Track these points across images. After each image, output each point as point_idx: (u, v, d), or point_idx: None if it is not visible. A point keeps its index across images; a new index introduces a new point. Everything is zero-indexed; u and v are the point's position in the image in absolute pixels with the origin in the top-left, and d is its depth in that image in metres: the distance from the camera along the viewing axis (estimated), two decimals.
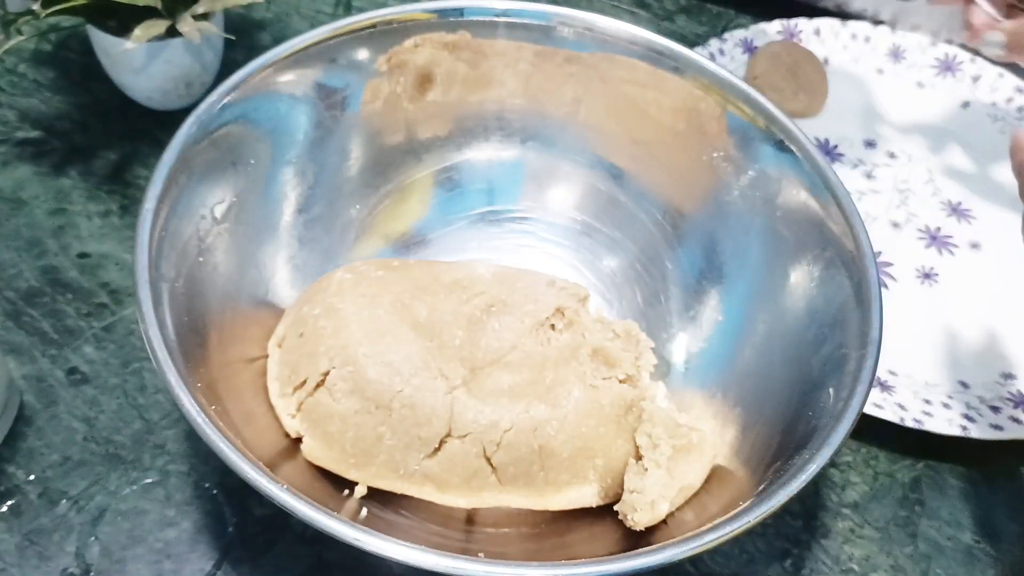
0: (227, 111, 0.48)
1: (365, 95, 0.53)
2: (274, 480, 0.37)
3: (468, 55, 0.54)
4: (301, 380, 0.46)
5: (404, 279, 0.49)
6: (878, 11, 0.77)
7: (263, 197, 0.51)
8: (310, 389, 0.45)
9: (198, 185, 0.47)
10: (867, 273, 0.45)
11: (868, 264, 0.45)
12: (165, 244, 0.43)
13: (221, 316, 0.46)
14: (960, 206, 0.67)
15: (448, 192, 0.57)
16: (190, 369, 0.41)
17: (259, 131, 0.50)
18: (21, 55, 0.67)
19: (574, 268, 0.56)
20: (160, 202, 0.44)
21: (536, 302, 0.49)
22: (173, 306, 0.42)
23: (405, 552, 0.36)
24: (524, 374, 0.46)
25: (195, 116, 0.47)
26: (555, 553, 0.43)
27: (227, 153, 0.48)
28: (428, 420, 0.44)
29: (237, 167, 0.49)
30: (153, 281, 0.41)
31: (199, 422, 0.38)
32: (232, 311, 0.48)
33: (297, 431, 0.46)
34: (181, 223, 0.45)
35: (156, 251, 0.43)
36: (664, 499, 0.43)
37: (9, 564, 0.45)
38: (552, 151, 0.57)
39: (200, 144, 0.47)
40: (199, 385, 0.40)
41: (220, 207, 0.48)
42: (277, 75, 0.50)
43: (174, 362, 0.39)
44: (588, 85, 0.55)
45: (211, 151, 0.47)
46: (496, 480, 0.45)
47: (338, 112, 0.53)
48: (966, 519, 0.52)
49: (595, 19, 0.53)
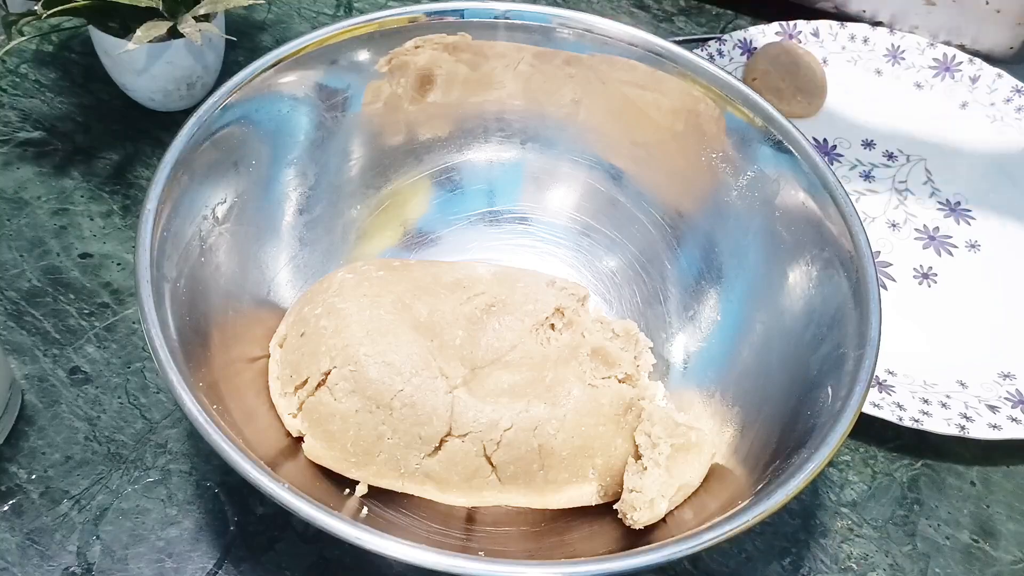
0: (228, 112, 0.48)
1: (366, 96, 0.54)
2: (276, 479, 0.37)
3: (468, 56, 0.54)
4: (302, 379, 0.46)
5: (405, 279, 0.49)
6: (876, 12, 0.77)
7: (264, 198, 0.51)
8: (311, 388, 0.45)
9: (200, 185, 0.47)
10: (866, 273, 0.45)
11: (867, 264, 0.45)
12: (167, 244, 0.44)
13: (223, 316, 0.47)
14: (958, 206, 0.67)
15: (448, 193, 0.57)
16: (192, 369, 0.41)
17: (260, 132, 0.50)
18: (23, 56, 0.67)
19: (573, 268, 0.56)
20: (162, 202, 0.44)
21: (536, 302, 0.49)
22: (175, 306, 0.43)
23: (406, 551, 0.36)
24: (524, 373, 0.46)
25: (197, 117, 0.47)
26: (555, 551, 0.44)
27: (228, 154, 0.48)
28: (429, 419, 0.44)
29: (238, 168, 0.49)
30: (155, 281, 0.42)
31: (201, 422, 0.38)
32: (234, 311, 0.48)
33: (298, 430, 0.46)
34: (183, 223, 0.45)
35: (158, 251, 0.43)
36: (663, 498, 0.43)
37: (11, 563, 0.45)
38: (552, 152, 0.57)
39: (202, 145, 0.47)
40: (201, 385, 0.40)
41: (221, 208, 0.48)
42: (278, 76, 0.50)
43: (176, 362, 0.40)
44: (587, 86, 0.55)
45: (212, 152, 0.47)
46: (496, 479, 0.45)
47: (339, 113, 0.53)
48: (964, 518, 0.53)
49: (595, 20, 0.53)
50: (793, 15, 0.76)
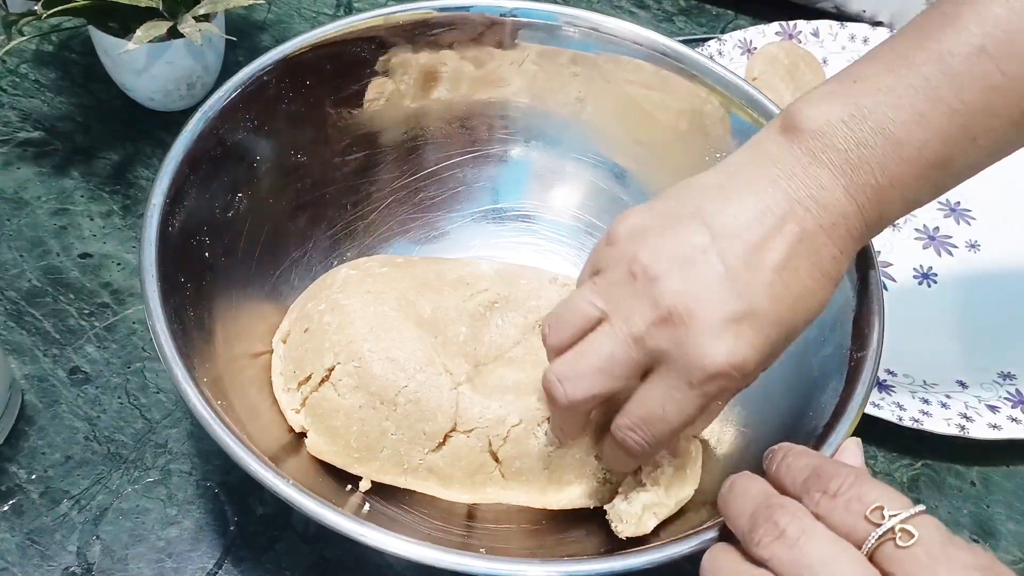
0: (231, 110, 0.48)
1: (369, 94, 0.54)
2: (280, 475, 0.37)
3: (472, 54, 0.54)
4: (306, 375, 0.46)
5: (408, 276, 0.50)
6: (876, 12, 0.77)
7: (269, 193, 0.51)
8: (315, 384, 0.45)
9: (203, 183, 0.47)
10: (868, 274, 0.45)
11: (869, 265, 0.45)
12: (170, 241, 0.44)
13: (226, 312, 0.47)
14: (959, 207, 0.67)
15: (452, 190, 0.57)
16: (195, 365, 0.41)
17: (263, 131, 0.50)
18: (23, 56, 0.67)
19: (576, 267, 0.56)
20: (166, 199, 0.44)
21: (539, 299, 0.49)
22: (179, 303, 0.43)
23: (409, 547, 0.36)
24: (528, 370, 0.46)
25: (201, 113, 0.47)
26: (555, 549, 0.44)
27: (231, 152, 0.49)
28: (433, 415, 0.44)
29: (244, 162, 0.49)
30: (159, 278, 0.42)
31: (206, 417, 0.38)
32: (237, 307, 0.48)
33: (301, 426, 0.46)
34: (186, 220, 0.45)
35: (161, 248, 0.43)
36: (654, 516, 0.42)
37: (11, 563, 0.45)
38: (556, 150, 0.57)
39: (205, 142, 0.47)
40: (205, 381, 0.40)
41: (226, 203, 0.48)
42: (279, 76, 0.50)
43: (181, 359, 0.40)
44: (592, 85, 0.55)
45: (216, 150, 0.47)
46: (500, 475, 0.45)
47: (342, 111, 0.53)
48: (964, 518, 0.53)
49: (601, 19, 0.53)
50: (793, 15, 0.76)
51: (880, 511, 0.31)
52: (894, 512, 0.30)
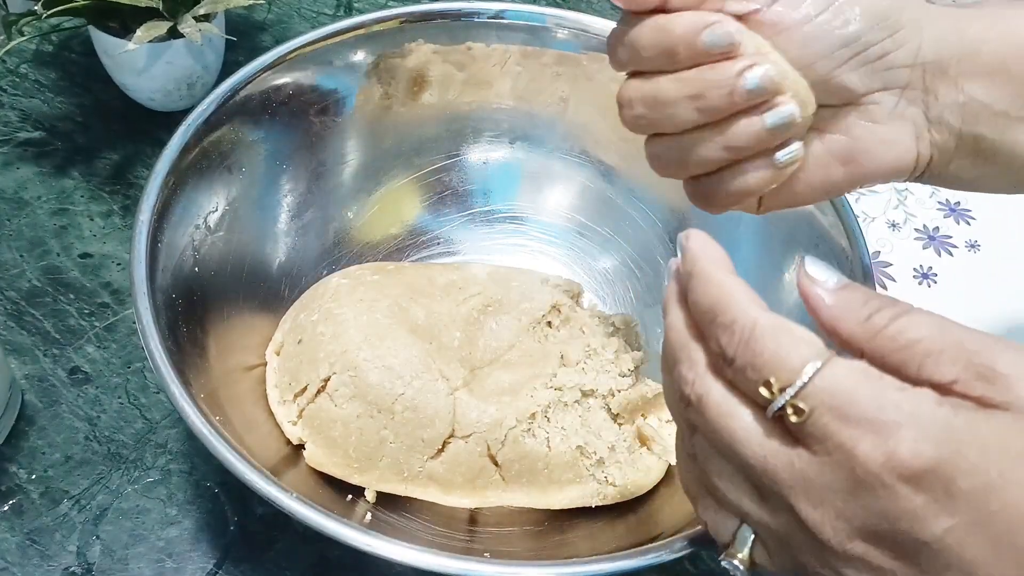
0: (220, 116, 0.48)
1: (358, 98, 0.54)
2: (285, 489, 0.37)
3: (460, 57, 0.54)
4: (302, 387, 0.46)
5: (400, 282, 0.50)
6: None
7: (257, 203, 0.51)
8: (311, 395, 0.45)
9: (192, 193, 0.47)
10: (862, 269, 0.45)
11: (863, 261, 0.45)
12: (161, 255, 0.44)
13: (218, 326, 0.47)
14: (958, 206, 0.67)
15: (441, 193, 0.57)
16: (191, 380, 0.41)
17: (253, 136, 0.50)
18: (23, 56, 0.67)
19: (567, 267, 0.56)
20: (154, 212, 0.44)
21: (531, 300, 0.49)
22: (171, 318, 0.43)
23: (417, 556, 0.36)
24: (524, 372, 0.46)
25: (186, 125, 0.47)
26: (557, 551, 0.44)
27: (221, 159, 0.48)
28: (431, 422, 0.44)
29: (231, 173, 0.49)
30: (151, 293, 0.42)
31: (206, 435, 0.38)
32: (228, 321, 0.48)
33: (299, 438, 0.46)
34: (176, 233, 0.45)
35: (151, 262, 0.43)
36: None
37: (11, 563, 0.45)
38: (542, 150, 0.57)
39: (193, 152, 0.47)
40: (202, 396, 0.40)
41: (214, 216, 0.48)
42: (273, 78, 0.50)
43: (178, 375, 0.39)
44: (575, 83, 0.55)
45: (204, 159, 0.47)
46: (500, 478, 0.45)
47: (332, 115, 0.53)
48: None
49: (590, 20, 0.54)
50: None
51: (769, 387, 0.28)
52: (783, 386, 0.28)
